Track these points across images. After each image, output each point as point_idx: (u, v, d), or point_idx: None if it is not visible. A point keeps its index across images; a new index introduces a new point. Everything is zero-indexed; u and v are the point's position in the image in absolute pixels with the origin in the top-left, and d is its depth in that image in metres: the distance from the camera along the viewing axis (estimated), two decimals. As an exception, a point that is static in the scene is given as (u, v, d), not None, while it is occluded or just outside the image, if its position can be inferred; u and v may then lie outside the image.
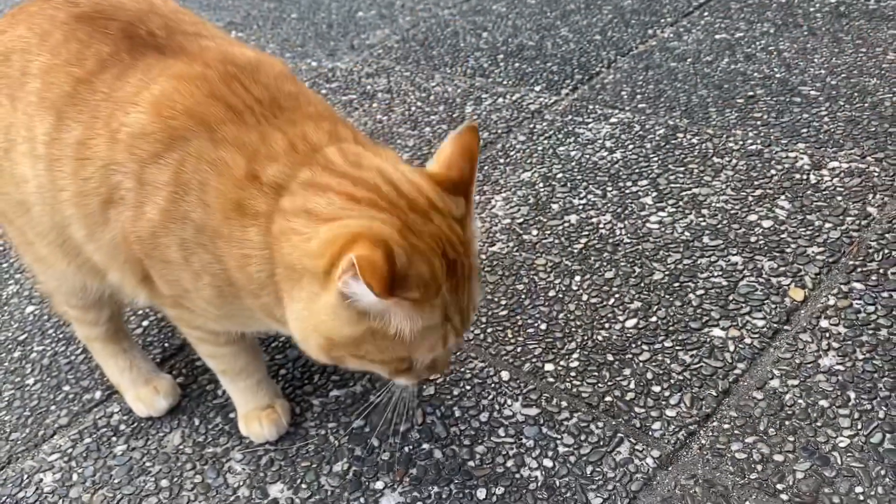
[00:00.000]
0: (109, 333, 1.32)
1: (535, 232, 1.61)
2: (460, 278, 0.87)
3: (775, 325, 1.29)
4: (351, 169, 0.88)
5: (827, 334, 1.26)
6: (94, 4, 1.05)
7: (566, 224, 1.62)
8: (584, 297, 1.42)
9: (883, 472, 1.04)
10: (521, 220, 1.66)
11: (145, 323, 1.55)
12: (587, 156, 1.82)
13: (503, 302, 1.44)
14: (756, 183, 1.62)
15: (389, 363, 0.92)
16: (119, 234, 0.99)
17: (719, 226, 1.52)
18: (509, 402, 1.25)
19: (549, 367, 1.30)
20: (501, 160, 1.85)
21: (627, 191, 1.68)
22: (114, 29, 1.01)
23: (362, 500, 1.13)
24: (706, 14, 2.39)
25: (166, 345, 1.49)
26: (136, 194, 0.95)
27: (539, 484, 1.11)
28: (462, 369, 1.32)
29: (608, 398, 1.22)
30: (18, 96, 1.03)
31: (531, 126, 1.97)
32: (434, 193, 0.88)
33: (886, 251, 1.39)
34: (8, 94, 1.05)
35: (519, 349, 1.34)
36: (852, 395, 1.15)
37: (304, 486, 1.16)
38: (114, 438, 1.31)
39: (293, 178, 0.88)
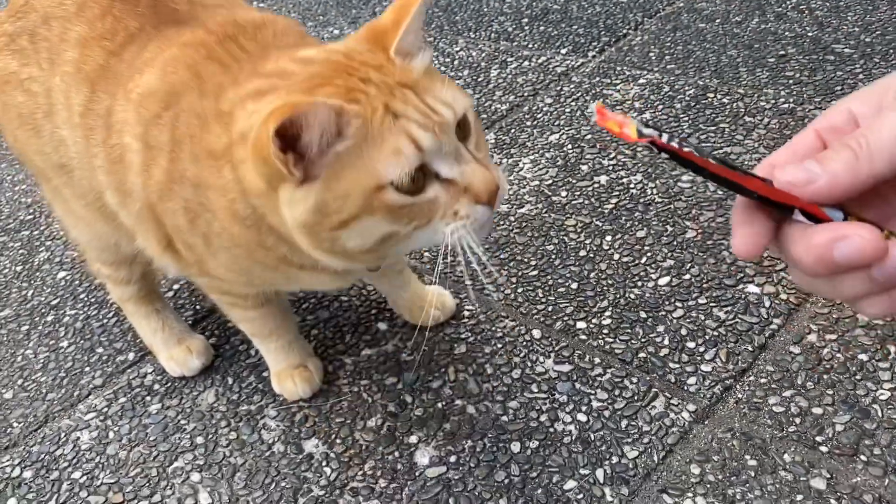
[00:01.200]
0: (142, 294, 1.33)
1: (564, 193, 1.60)
2: (391, 87, 0.79)
3: (811, 281, 1.27)
4: (299, 62, 0.84)
5: (865, 289, 1.23)
6: None
7: (596, 185, 1.60)
8: (616, 257, 1.41)
9: (925, 424, 1.03)
10: (550, 181, 1.64)
11: (176, 287, 1.56)
12: (615, 117, 1.79)
13: (533, 262, 1.43)
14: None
15: (378, 209, 0.78)
16: (143, 203, 0.99)
17: (752, 184, 1.50)
18: (541, 359, 1.24)
19: (581, 324, 1.29)
20: (528, 123, 1.83)
21: (657, 151, 1.65)
22: (143, 5, 1.04)
23: (396, 453, 1.13)
24: (735, -26, 2.34)
25: (198, 307, 1.50)
26: (143, 157, 0.96)
27: (574, 437, 1.11)
28: (493, 328, 1.31)
29: (642, 354, 1.21)
30: (56, 62, 1.06)
31: (558, 88, 1.95)
32: (355, 43, 0.84)
33: (925, 206, 1.36)
34: (47, 59, 1.07)
35: (550, 308, 1.33)
36: (892, 349, 1.13)
37: (338, 440, 1.17)
38: (148, 398, 1.32)
39: (243, 96, 0.84)
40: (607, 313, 1.30)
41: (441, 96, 0.82)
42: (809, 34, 1.95)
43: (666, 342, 1.22)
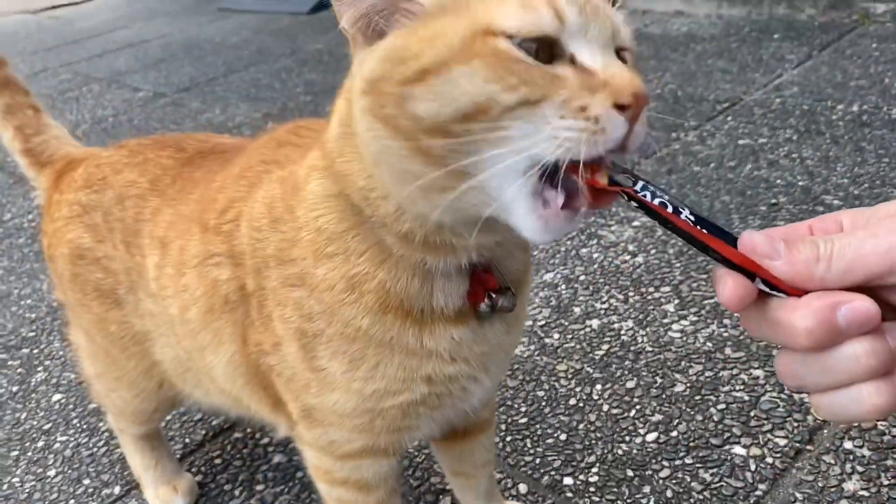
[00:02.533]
0: (146, 433, 1.33)
1: (556, 336, 1.62)
2: None
3: (797, 445, 1.27)
4: None
5: (851, 456, 1.24)
6: (198, 147, 1.11)
7: (588, 329, 1.63)
8: (605, 408, 1.42)
9: None
10: (543, 322, 1.67)
11: (168, 417, 1.57)
12: (609, 259, 1.84)
13: (523, 409, 1.44)
14: (779, 293, 1.62)
15: (480, 54, 0.57)
16: (237, 348, 0.91)
17: (741, 337, 1.52)
18: (526, 515, 1.23)
19: (567, 480, 1.29)
20: (525, 261, 1.88)
21: (650, 297, 1.69)
22: (211, 160, 1.06)
23: None
24: (730, 119, 2.44)
25: (187, 440, 1.50)
26: (229, 273, 0.89)
27: None
28: (480, 478, 1.31)
29: (627, 517, 1.21)
30: (133, 243, 1.05)
31: (555, 227, 2.00)
32: None
33: (912, 370, 1.37)
34: (123, 241, 1.07)
35: (538, 461, 1.33)
36: (878, 524, 1.13)
37: None
38: (130, 537, 1.31)
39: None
40: (594, 469, 1.30)
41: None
42: (800, 183, 2.01)
43: (651, 504, 1.22)
